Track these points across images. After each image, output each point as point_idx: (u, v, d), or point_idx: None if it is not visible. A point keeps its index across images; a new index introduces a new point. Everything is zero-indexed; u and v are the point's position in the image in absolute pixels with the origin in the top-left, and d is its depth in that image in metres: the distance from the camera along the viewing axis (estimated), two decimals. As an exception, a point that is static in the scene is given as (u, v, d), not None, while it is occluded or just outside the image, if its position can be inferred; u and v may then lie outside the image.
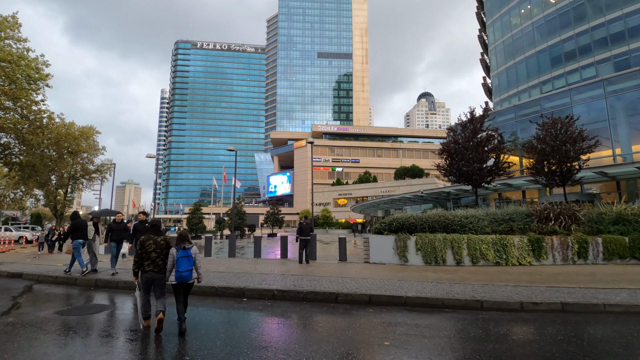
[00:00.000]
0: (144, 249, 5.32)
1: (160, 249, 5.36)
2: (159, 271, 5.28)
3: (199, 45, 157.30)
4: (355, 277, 8.79)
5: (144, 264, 5.28)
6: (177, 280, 5.15)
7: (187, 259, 5.19)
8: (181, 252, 5.19)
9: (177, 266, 5.14)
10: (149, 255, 5.29)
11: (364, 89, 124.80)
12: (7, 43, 23.46)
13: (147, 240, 5.39)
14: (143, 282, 5.32)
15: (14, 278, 9.03)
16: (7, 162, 29.26)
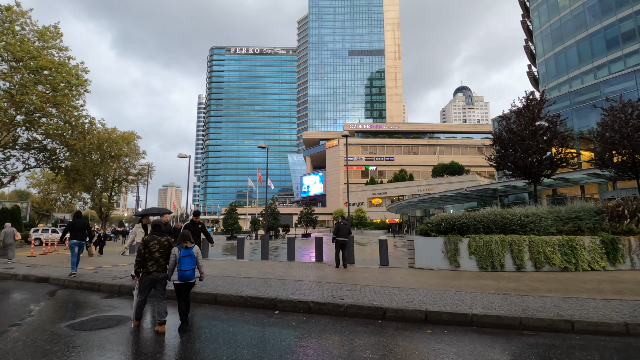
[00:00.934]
0: (147, 249, 5.31)
1: (164, 249, 5.41)
2: (162, 271, 5.35)
3: (233, 50, 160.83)
4: (402, 287, 7.57)
5: (147, 264, 5.29)
6: (180, 279, 5.19)
7: (190, 258, 5.23)
8: (183, 252, 5.22)
9: (180, 265, 5.16)
10: (153, 256, 5.31)
11: (397, 85, 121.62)
12: (50, 52, 24.27)
13: (150, 240, 5.38)
14: (146, 283, 5.30)
15: (41, 282, 8.71)
16: (54, 166, 30.49)
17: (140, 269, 5.34)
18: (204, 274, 5.56)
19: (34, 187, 60.03)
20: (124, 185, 51.65)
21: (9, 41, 20.29)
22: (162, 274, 5.35)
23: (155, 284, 5.32)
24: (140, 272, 5.36)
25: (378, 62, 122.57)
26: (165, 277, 5.37)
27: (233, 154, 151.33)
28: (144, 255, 5.30)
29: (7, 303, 6.74)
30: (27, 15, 23.34)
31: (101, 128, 34.54)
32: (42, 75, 22.16)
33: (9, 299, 7.07)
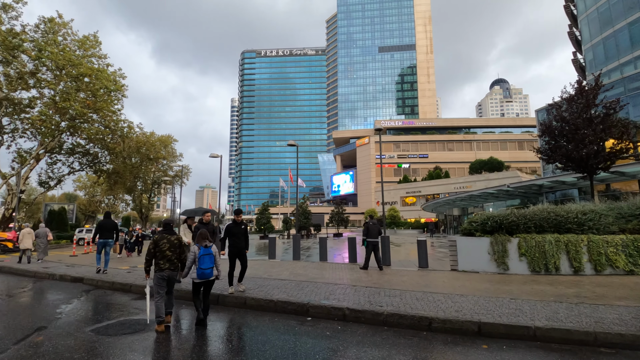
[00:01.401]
0: (158, 247, 5.44)
1: (175, 248, 5.53)
2: (174, 269, 5.51)
3: (263, 53, 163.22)
4: (447, 293, 6.83)
5: (159, 262, 5.40)
6: (199, 277, 5.28)
7: (209, 257, 5.35)
8: (203, 250, 5.33)
9: (200, 263, 5.25)
10: (164, 254, 5.42)
11: (429, 80, 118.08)
12: (90, 60, 25.31)
13: (161, 239, 5.50)
14: (160, 280, 5.38)
15: (76, 282, 8.78)
16: (97, 170, 31.94)
17: (150, 267, 5.53)
18: (221, 273, 5.64)
19: (80, 189, 63.74)
20: (162, 187, 53.57)
21: (52, 50, 21.28)
22: (174, 272, 5.51)
23: (169, 280, 5.48)
24: (150, 270, 5.55)
25: (409, 57, 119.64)
26: (175, 275, 5.55)
27: (265, 155, 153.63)
28: (154, 254, 5.43)
29: (39, 304, 6.74)
30: (68, 26, 24.44)
31: (139, 132, 35.86)
32: (83, 82, 23.12)
33: (42, 300, 7.10)
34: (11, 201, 23.74)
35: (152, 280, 5.48)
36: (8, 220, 23.50)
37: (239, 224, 7.21)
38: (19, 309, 6.26)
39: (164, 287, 5.41)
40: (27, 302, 6.84)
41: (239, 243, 7.07)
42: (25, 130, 25.04)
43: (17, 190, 21.25)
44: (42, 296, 7.45)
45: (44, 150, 25.37)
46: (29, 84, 21.63)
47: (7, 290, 8.11)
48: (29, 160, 24.03)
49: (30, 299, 7.12)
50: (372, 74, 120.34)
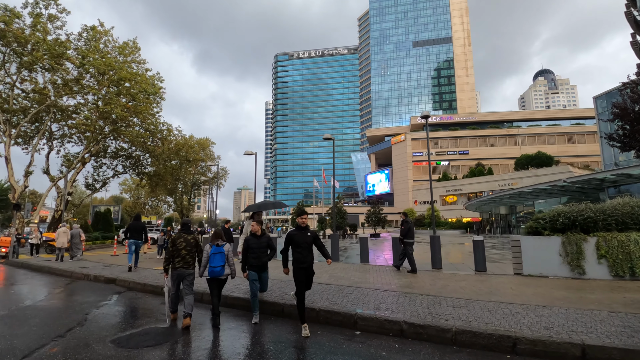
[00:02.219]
0: (175, 246, 5.58)
1: (190, 247, 5.66)
2: (187, 267, 5.58)
3: (296, 55, 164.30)
4: (523, 303, 5.64)
5: (175, 260, 5.53)
6: (209, 275, 5.42)
7: (220, 255, 5.44)
8: (214, 249, 5.45)
9: (210, 262, 5.41)
10: (180, 253, 5.55)
11: (467, 74, 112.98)
12: (129, 65, 25.96)
13: (178, 238, 5.63)
14: (173, 278, 5.54)
15: (109, 284, 8.52)
16: (139, 172, 32.94)
17: (169, 265, 5.57)
18: (235, 272, 5.69)
19: (126, 192, 66.97)
20: (202, 189, 55.00)
21: (94, 57, 21.93)
22: (188, 270, 5.58)
23: (182, 279, 5.56)
24: (169, 269, 5.58)
25: (446, 50, 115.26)
26: (191, 274, 5.62)
27: (299, 156, 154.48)
28: (172, 252, 5.56)
29: (67, 308, 6.36)
30: (109, 33, 25.20)
31: (178, 134, 36.67)
32: (123, 87, 23.69)
33: (71, 303, 6.75)
34: (60, 203, 24.81)
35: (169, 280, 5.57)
36: (57, 221, 24.57)
37: (303, 230, 5.24)
38: (45, 314, 5.91)
39: (176, 284, 5.60)
40: (56, 306, 6.51)
41: (305, 257, 5.05)
42: (72, 135, 26.16)
43: (65, 192, 22.10)
44: (73, 298, 7.14)
45: (89, 154, 26.37)
46: (74, 89, 22.41)
47: (41, 291, 7.99)
48: (75, 164, 24.99)
49: (61, 302, 6.81)
50: (406, 70, 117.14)
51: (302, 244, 5.09)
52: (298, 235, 5.17)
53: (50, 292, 7.84)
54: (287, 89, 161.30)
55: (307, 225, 5.35)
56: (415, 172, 77.08)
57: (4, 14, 19.27)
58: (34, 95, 22.58)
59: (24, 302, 6.83)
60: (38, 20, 20.60)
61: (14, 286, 8.75)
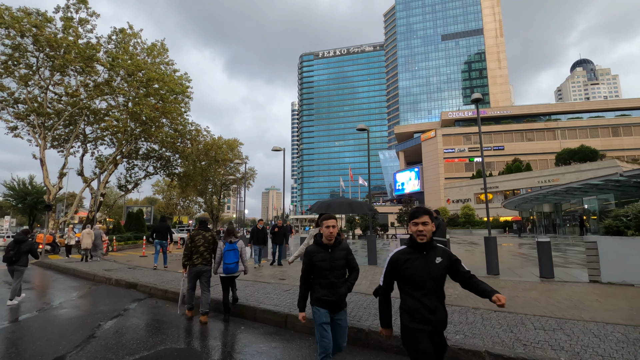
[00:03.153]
0: (193, 243, 5.66)
1: (208, 244, 5.73)
2: (206, 264, 5.68)
3: (321, 54, 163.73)
4: (634, 323, 4.42)
5: (193, 257, 5.62)
6: (224, 272, 5.46)
7: (234, 252, 5.50)
8: (228, 246, 5.52)
9: (225, 259, 5.46)
10: (198, 249, 5.63)
11: (500, 66, 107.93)
12: (158, 67, 26.04)
13: (196, 235, 5.71)
14: (192, 274, 5.62)
15: (130, 289, 8.00)
16: (169, 173, 33.30)
17: (188, 261, 5.66)
18: (248, 268, 5.76)
19: (158, 193, 68.84)
20: (231, 189, 55.59)
21: (122, 58, 22.04)
22: (205, 267, 5.67)
23: (200, 276, 5.63)
24: (187, 265, 5.68)
25: (476, 42, 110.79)
26: (208, 270, 5.70)
27: (325, 156, 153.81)
28: (191, 249, 5.63)
29: (78, 318, 5.77)
30: (138, 35, 25.38)
31: (206, 134, 36.85)
32: (152, 88, 23.73)
33: (85, 312, 6.15)
34: (94, 204, 25.24)
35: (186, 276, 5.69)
36: (91, 222, 25.00)
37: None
38: (53, 326, 5.33)
39: (193, 281, 5.67)
40: (67, 316, 5.93)
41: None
42: (104, 137, 26.62)
43: (97, 193, 22.37)
44: (87, 307, 6.56)
45: (121, 155, 26.73)
46: (104, 92, 22.64)
47: (58, 297, 7.56)
48: (107, 165, 25.33)
49: (74, 311, 6.24)
50: (435, 64, 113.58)
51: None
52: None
53: (67, 298, 7.39)
54: (312, 88, 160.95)
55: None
56: (447, 169, 74.29)
57: (36, 18, 19.63)
58: (68, 99, 23.06)
59: (33, 310, 6.35)
60: (69, 24, 20.90)
61: (32, 290, 8.39)
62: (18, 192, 36.41)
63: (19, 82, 20.37)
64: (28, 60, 20.88)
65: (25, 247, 7.28)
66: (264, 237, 11.80)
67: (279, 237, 11.78)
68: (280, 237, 11.72)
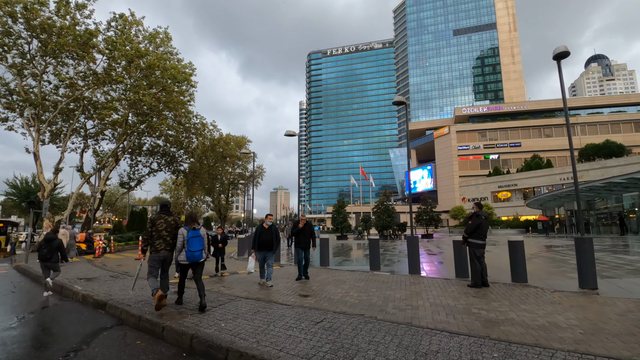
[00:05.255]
0: (155, 227, 5.47)
1: (171, 229, 5.55)
2: (170, 250, 5.52)
3: (329, 52, 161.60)
4: None
5: (155, 243, 5.43)
6: (188, 259, 5.29)
7: (198, 239, 5.34)
8: (192, 233, 5.33)
9: (189, 246, 5.26)
10: (160, 234, 5.43)
11: (514, 61, 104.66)
12: (160, 55, 24.38)
13: (158, 219, 5.54)
14: (157, 261, 5.42)
15: (97, 309, 6.01)
16: (174, 170, 31.80)
17: (147, 247, 5.56)
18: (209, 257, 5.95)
19: (166, 192, 67.81)
20: (239, 188, 54.38)
21: (121, 43, 20.41)
22: (169, 253, 5.51)
23: (163, 263, 5.49)
24: (146, 250, 5.60)
25: (489, 37, 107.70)
26: (171, 257, 5.56)
27: (333, 155, 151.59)
28: (151, 233, 5.45)
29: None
30: (140, 23, 23.73)
31: (213, 129, 35.28)
32: (153, 74, 22.08)
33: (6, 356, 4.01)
34: (93, 202, 23.71)
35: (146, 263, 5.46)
36: (91, 221, 23.45)
37: None
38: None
39: (157, 268, 5.44)
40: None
41: None
42: (104, 131, 25.10)
43: (95, 190, 20.80)
44: (20, 345, 4.30)
45: (122, 150, 25.18)
46: (102, 80, 21.03)
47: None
48: (106, 160, 23.79)
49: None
50: (446, 60, 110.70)
51: None
52: None
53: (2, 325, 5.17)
54: (320, 87, 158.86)
55: None
56: (461, 167, 71.73)
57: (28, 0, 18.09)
58: (65, 91, 21.55)
59: None
60: (63, 4, 19.31)
61: None
62: (21, 191, 35.21)
63: (10, 69, 18.85)
64: (22, 48, 19.38)
65: (56, 245, 7.94)
66: (272, 239, 7.92)
67: (304, 238, 8.52)
68: (307, 238, 8.55)
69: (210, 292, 6.84)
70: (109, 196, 52.42)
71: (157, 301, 5.03)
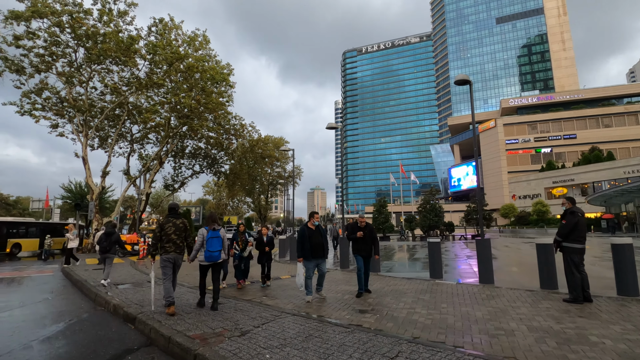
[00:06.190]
0: (163, 231, 5.44)
1: (180, 231, 5.53)
2: (180, 252, 5.54)
3: (364, 50, 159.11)
4: None
5: (165, 245, 5.41)
6: (207, 259, 5.38)
7: (217, 240, 5.40)
8: (211, 233, 5.42)
9: (208, 246, 5.34)
10: (170, 237, 5.41)
11: (565, 47, 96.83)
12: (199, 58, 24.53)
13: (166, 223, 5.52)
14: (166, 262, 5.40)
15: (127, 324, 5.38)
16: (216, 171, 32.20)
17: (156, 251, 5.54)
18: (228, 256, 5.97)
19: (208, 194, 69.81)
20: (277, 188, 54.81)
21: (161, 46, 20.60)
22: (179, 255, 5.53)
23: (174, 264, 5.49)
24: (155, 254, 5.57)
25: (536, 23, 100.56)
26: (180, 259, 5.57)
27: (370, 153, 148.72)
28: (160, 237, 5.43)
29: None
30: (179, 27, 24.00)
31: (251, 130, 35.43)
32: (192, 76, 22.19)
33: None
34: (139, 204, 24.28)
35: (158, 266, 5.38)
36: (138, 223, 24.04)
37: None
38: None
39: (170, 269, 5.45)
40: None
41: None
42: (148, 135, 25.71)
43: (140, 192, 21.20)
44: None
45: (165, 152, 25.63)
46: (144, 84, 21.39)
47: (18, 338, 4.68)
48: (149, 162, 24.30)
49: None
50: (489, 50, 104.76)
51: None
52: None
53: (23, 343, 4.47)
54: (356, 85, 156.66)
55: None
56: (510, 162, 67.28)
57: (73, 8, 18.67)
58: (111, 98, 22.19)
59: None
60: (105, 12, 19.80)
61: None
62: (75, 194, 37.23)
63: (60, 77, 19.59)
64: (70, 57, 20.11)
65: (114, 238, 8.86)
66: (324, 242, 6.33)
67: (364, 245, 6.71)
68: (368, 244, 6.72)
69: (251, 303, 6.09)
70: (155, 198, 54.61)
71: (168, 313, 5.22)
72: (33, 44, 18.23)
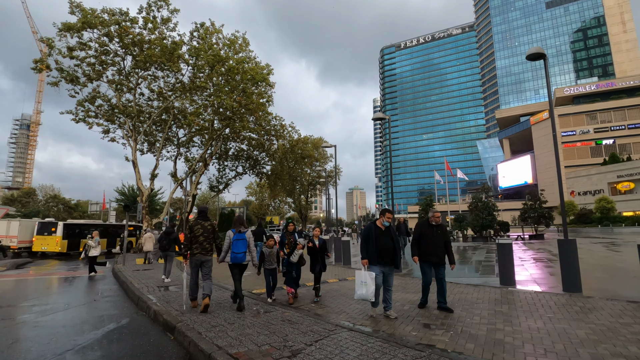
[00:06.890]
0: (192, 233, 5.71)
1: (208, 233, 5.77)
2: (206, 253, 5.75)
3: (402, 45, 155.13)
4: None
5: (193, 247, 5.69)
6: (231, 260, 5.53)
7: (242, 242, 5.50)
8: (237, 235, 5.54)
9: (233, 247, 5.49)
10: (197, 239, 5.69)
11: (625, 29, 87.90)
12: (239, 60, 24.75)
13: (195, 225, 5.79)
14: (192, 264, 5.77)
15: (165, 333, 4.95)
16: (258, 172, 32.58)
17: (187, 252, 5.73)
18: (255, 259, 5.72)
19: (251, 195, 71.52)
20: (317, 188, 54.86)
21: (203, 49, 20.93)
22: (205, 257, 5.75)
23: (201, 265, 5.74)
24: (187, 255, 5.76)
25: (592, 5, 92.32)
26: (209, 260, 5.79)
27: (411, 151, 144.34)
28: (190, 239, 5.69)
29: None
30: (220, 31, 24.36)
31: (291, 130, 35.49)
32: (233, 78, 22.36)
33: None
34: (186, 206, 24.92)
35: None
36: (186, 223, 24.71)
37: None
38: None
39: (195, 271, 5.83)
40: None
41: None
42: (193, 138, 26.36)
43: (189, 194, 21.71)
44: None
45: (210, 154, 26.17)
46: (187, 87, 21.87)
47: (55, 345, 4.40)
48: (195, 164, 24.88)
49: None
50: (539, 37, 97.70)
51: None
52: None
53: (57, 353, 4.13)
54: (395, 81, 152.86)
55: None
56: (567, 156, 62.12)
57: (120, 18, 19.41)
58: (158, 103, 22.97)
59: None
60: (149, 19, 20.44)
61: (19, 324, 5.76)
62: (128, 197, 39.39)
63: (110, 85, 20.51)
64: (119, 65, 21.00)
65: (173, 237, 9.32)
66: (395, 246, 5.22)
67: (435, 249, 5.52)
68: (440, 249, 5.56)
69: (300, 311, 5.54)
70: (201, 200, 56.60)
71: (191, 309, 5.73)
72: (85, 54, 19.19)
